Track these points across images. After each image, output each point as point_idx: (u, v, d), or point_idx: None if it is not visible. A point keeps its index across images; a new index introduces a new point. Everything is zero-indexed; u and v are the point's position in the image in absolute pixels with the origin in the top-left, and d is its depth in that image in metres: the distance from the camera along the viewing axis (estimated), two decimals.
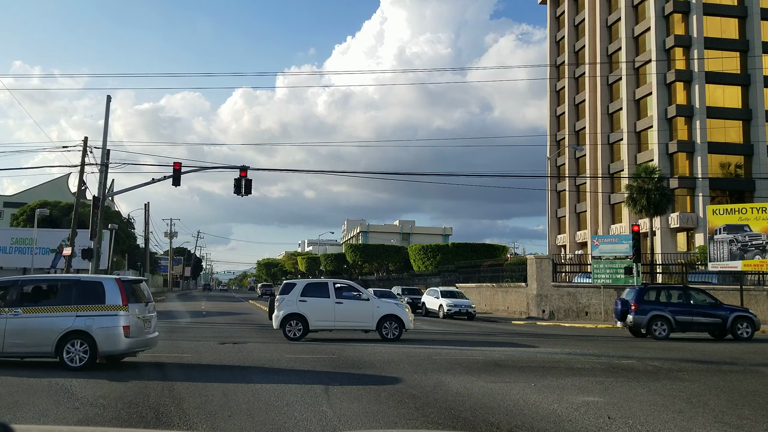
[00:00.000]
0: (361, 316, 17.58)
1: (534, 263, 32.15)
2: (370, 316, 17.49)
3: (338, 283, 18.47)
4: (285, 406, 7.70)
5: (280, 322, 17.39)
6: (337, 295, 17.73)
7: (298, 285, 18.16)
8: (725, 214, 29.44)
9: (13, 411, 7.39)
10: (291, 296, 17.65)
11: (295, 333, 17.25)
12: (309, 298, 17.51)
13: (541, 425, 6.97)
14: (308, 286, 18.04)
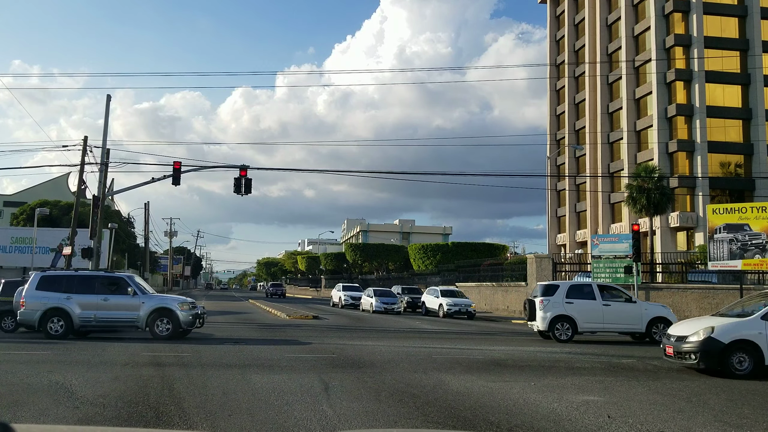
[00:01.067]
0: (630, 318, 17.53)
1: (534, 262, 32.15)
2: (638, 318, 17.47)
3: (602, 285, 18.76)
4: (285, 405, 7.70)
5: (548, 323, 17.48)
6: (603, 297, 17.79)
7: (561, 287, 18.26)
8: (725, 214, 29.42)
9: (13, 410, 7.39)
10: (556, 297, 17.68)
11: (564, 335, 17.37)
12: (575, 300, 17.57)
13: (541, 424, 6.97)
14: (572, 288, 18.19)
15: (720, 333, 10.76)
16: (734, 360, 10.62)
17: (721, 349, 10.57)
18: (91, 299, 16.71)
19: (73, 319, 16.49)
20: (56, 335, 16.41)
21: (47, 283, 17.20)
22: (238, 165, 25.66)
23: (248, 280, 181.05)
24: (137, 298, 16.76)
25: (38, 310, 16.56)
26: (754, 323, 10.88)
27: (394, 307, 34.37)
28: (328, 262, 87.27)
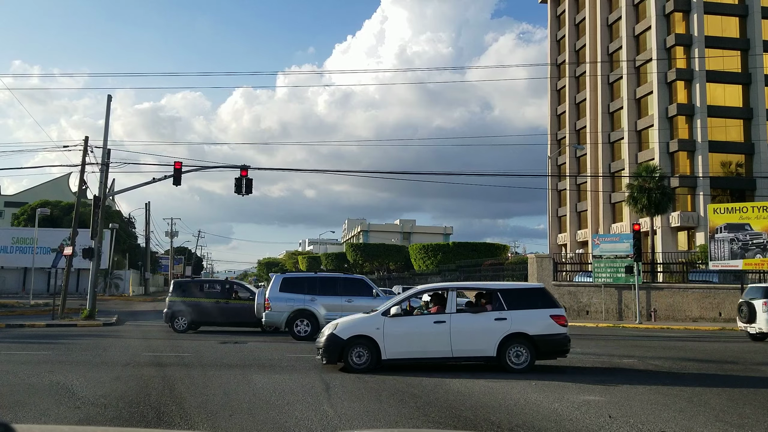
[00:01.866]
0: None
1: (535, 262, 32.15)
2: None
3: None
4: (286, 405, 7.70)
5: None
6: None
7: None
8: (726, 213, 29.43)
9: (15, 410, 7.40)
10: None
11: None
12: None
13: (542, 424, 6.97)
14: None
15: (340, 330, 10.97)
16: (353, 354, 10.80)
17: (341, 345, 10.79)
18: (335, 301, 16.91)
19: (319, 320, 16.65)
20: (303, 336, 16.66)
21: (290, 284, 17.59)
22: (239, 165, 25.67)
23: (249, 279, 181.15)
24: (379, 299, 16.62)
25: (284, 312, 16.88)
26: (374, 319, 11.09)
27: None
28: (329, 262, 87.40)
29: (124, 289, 56.82)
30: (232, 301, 20.42)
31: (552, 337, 10.96)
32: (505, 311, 11.09)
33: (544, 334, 10.95)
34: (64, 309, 24.93)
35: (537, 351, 10.92)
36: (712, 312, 28.47)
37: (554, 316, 11.12)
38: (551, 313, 11.13)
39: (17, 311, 28.02)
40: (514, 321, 10.94)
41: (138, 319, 26.38)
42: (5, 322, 21.62)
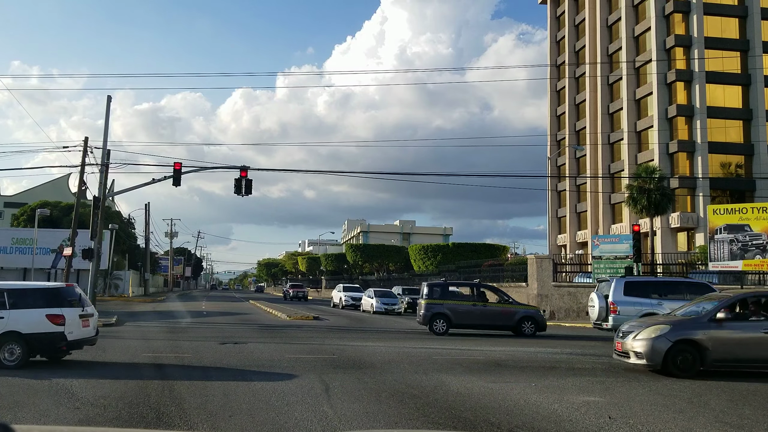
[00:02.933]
0: None
1: (534, 263, 32.14)
2: None
3: None
4: (285, 406, 7.70)
5: None
6: None
7: None
8: (726, 214, 29.44)
9: (14, 411, 7.40)
10: None
11: None
12: None
13: (542, 425, 6.97)
14: None
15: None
16: None
17: None
18: (681, 305, 16.72)
19: None
20: None
21: (633, 288, 17.72)
22: (239, 166, 25.69)
23: (249, 280, 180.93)
24: None
25: (632, 315, 16.70)
26: None
27: (395, 307, 34.37)
28: (329, 262, 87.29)
29: (124, 289, 56.80)
30: (489, 305, 20.77)
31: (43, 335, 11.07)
32: None
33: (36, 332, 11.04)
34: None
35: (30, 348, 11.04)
36: None
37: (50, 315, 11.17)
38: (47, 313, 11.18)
39: None
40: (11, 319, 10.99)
41: (138, 319, 26.36)
42: None
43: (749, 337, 10.83)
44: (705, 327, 10.82)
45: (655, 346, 10.62)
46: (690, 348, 10.63)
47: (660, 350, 10.59)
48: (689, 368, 10.54)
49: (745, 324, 11.13)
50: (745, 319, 11.35)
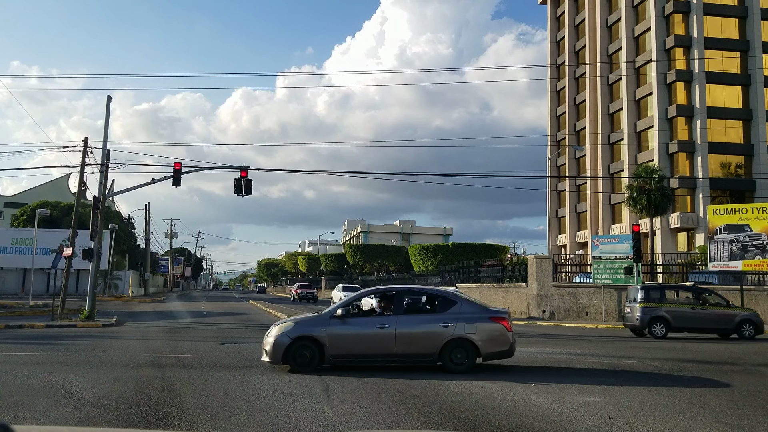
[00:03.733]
0: None
1: (534, 263, 32.14)
2: None
3: None
4: (285, 406, 7.70)
5: None
6: None
7: None
8: (726, 214, 29.43)
9: (14, 411, 7.40)
10: None
11: None
12: None
13: (542, 425, 6.97)
14: None
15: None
16: None
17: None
18: None
19: None
20: None
21: None
22: (239, 166, 25.68)
23: (249, 280, 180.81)
24: None
25: None
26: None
27: None
28: (329, 262, 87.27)
29: (124, 289, 56.80)
30: (708, 308, 20.60)
31: None
32: None
33: None
34: (63, 310, 24.91)
35: None
36: None
37: None
38: None
39: (16, 312, 28.00)
40: None
41: (137, 319, 26.37)
42: (4, 323, 21.62)
43: (364, 333, 10.96)
44: (326, 324, 10.98)
45: (277, 343, 10.81)
46: (310, 344, 10.80)
47: (280, 347, 10.75)
48: (307, 363, 10.69)
49: (364, 320, 11.26)
50: (366, 315, 11.54)
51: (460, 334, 10.74)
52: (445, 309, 11.16)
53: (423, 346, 10.81)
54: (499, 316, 11.15)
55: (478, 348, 10.78)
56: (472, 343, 10.77)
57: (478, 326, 10.86)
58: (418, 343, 10.84)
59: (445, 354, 10.73)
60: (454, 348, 10.77)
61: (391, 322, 10.94)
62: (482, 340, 10.80)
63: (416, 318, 11.18)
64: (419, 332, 10.91)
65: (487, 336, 10.85)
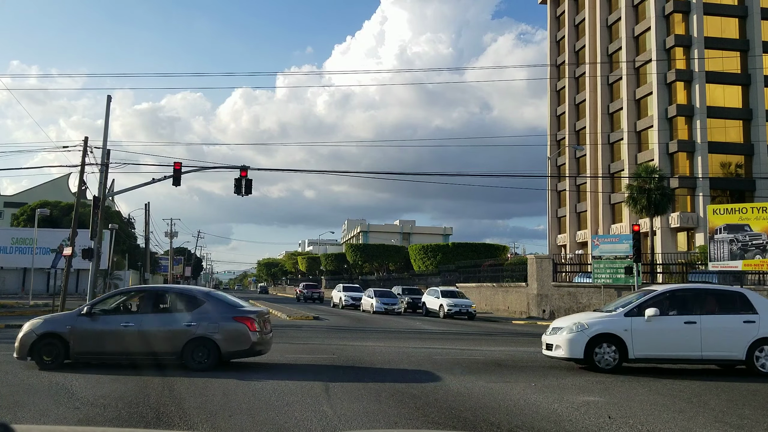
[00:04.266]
0: None
1: (534, 263, 32.14)
2: None
3: None
4: (285, 406, 7.70)
5: None
6: None
7: None
8: (726, 214, 29.44)
9: (14, 411, 7.40)
10: None
11: None
12: None
13: (542, 425, 6.97)
14: None
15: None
16: None
17: None
18: None
19: None
20: None
21: None
22: (239, 166, 25.67)
23: (249, 280, 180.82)
24: None
25: None
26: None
27: (395, 307, 34.39)
28: (329, 262, 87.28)
29: None
30: None
31: None
32: None
33: None
34: (63, 309, 24.90)
35: None
36: None
37: None
38: None
39: (17, 312, 27.98)
40: None
41: None
42: (5, 323, 21.60)
43: (109, 330, 10.93)
44: (72, 321, 10.97)
45: (23, 339, 10.77)
46: (56, 341, 10.79)
47: (26, 343, 10.69)
48: (52, 360, 10.67)
49: (112, 318, 11.10)
50: (115, 313, 11.29)
51: (202, 333, 10.76)
52: (192, 308, 11.14)
53: (166, 345, 10.79)
54: (243, 316, 11.07)
55: (219, 347, 10.79)
56: (214, 342, 10.76)
57: (221, 326, 10.84)
58: (160, 341, 10.81)
59: (187, 353, 10.71)
60: (196, 347, 10.76)
61: (136, 321, 10.95)
62: (223, 339, 10.80)
63: (161, 317, 11.16)
64: (162, 331, 10.89)
65: (229, 335, 10.85)
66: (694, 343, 10.95)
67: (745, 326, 11.00)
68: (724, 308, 11.37)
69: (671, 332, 11.11)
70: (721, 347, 11.02)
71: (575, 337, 11.12)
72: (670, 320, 11.17)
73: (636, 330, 11.02)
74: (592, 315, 12.07)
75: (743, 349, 10.91)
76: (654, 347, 11.12)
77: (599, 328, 11.12)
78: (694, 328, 10.97)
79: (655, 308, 11.11)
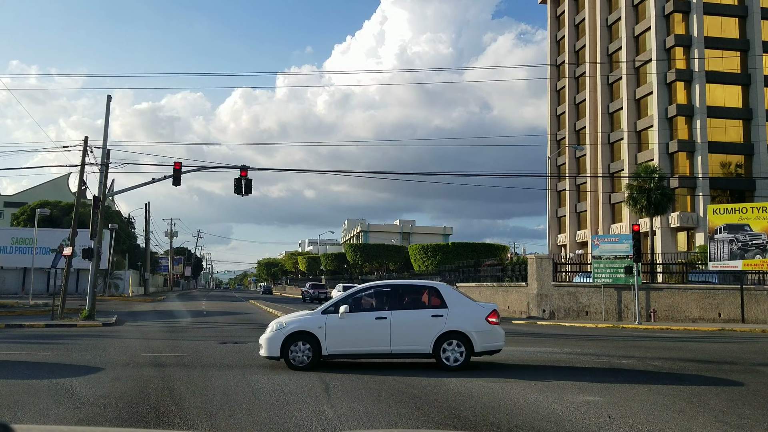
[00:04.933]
0: None
1: (534, 263, 32.13)
2: None
3: None
4: (285, 406, 7.70)
5: None
6: None
7: None
8: (725, 214, 29.43)
9: (14, 411, 7.39)
10: None
11: None
12: None
13: (542, 425, 6.97)
14: None
15: None
16: None
17: None
18: None
19: None
20: None
21: None
22: (239, 165, 25.67)
23: (249, 280, 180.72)
24: None
25: None
26: None
27: None
28: (329, 262, 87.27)
29: (124, 289, 56.80)
30: None
31: None
32: None
33: None
34: (63, 309, 24.91)
35: None
36: (711, 313, 28.49)
37: None
38: None
39: (17, 311, 27.99)
40: None
41: (137, 319, 26.37)
42: (5, 323, 21.61)
43: None
44: None
45: None
46: None
47: None
48: None
49: None
50: None
51: None
52: None
53: None
54: None
55: None
56: None
57: None
58: None
59: None
60: None
61: None
62: None
63: None
64: None
65: None
66: (384, 338, 11.03)
67: (433, 320, 11.11)
68: (417, 303, 11.53)
69: (362, 328, 11.18)
70: (409, 341, 11.09)
71: (273, 336, 11.17)
72: (362, 316, 11.26)
73: (330, 327, 11.09)
74: (300, 313, 12.14)
75: (430, 343, 11.00)
76: (346, 343, 11.17)
77: (295, 326, 11.18)
78: (384, 324, 11.06)
79: (347, 305, 11.21)
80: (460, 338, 11.04)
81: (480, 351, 11.16)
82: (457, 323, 11.07)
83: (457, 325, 11.05)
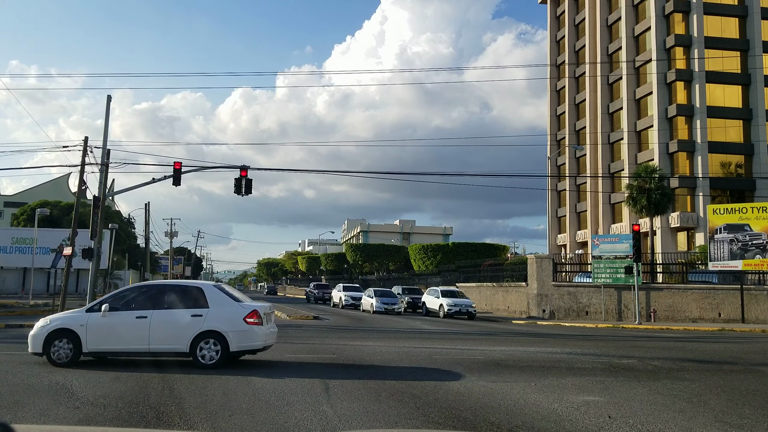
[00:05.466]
0: None
1: (534, 263, 32.13)
2: None
3: None
4: (285, 406, 7.70)
5: None
6: None
7: None
8: (726, 214, 29.44)
9: (14, 411, 7.39)
10: None
11: None
12: None
13: (542, 425, 6.97)
14: None
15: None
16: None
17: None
18: None
19: None
20: None
21: None
22: (239, 165, 25.67)
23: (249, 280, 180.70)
24: None
25: None
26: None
27: (395, 307, 34.39)
28: (329, 262, 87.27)
29: None
30: None
31: None
32: None
33: None
34: (63, 309, 24.90)
35: None
36: (711, 312, 28.49)
37: None
38: None
39: (17, 311, 27.99)
40: None
41: None
42: (5, 323, 21.61)
43: None
44: None
45: None
46: None
47: None
48: None
49: None
50: None
51: None
52: None
53: None
54: None
55: None
56: None
57: None
58: None
59: None
60: None
61: None
62: None
63: None
64: None
65: None
66: (143, 337, 11.15)
67: (192, 320, 11.21)
68: (180, 303, 11.60)
69: (123, 327, 11.32)
70: (167, 340, 11.22)
71: (37, 333, 11.32)
72: (123, 315, 11.40)
73: (91, 325, 11.22)
74: (67, 312, 12.41)
75: (187, 342, 11.09)
76: (106, 341, 11.31)
77: (57, 324, 11.34)
78: (144, 323, 11.19)
79: (107, 304, 11.39)
80: (217, 338, 11.14)
81: (236, 350, 11.24)
82: (215, 323, 11.17)
83: (214, 325, 11.14)
